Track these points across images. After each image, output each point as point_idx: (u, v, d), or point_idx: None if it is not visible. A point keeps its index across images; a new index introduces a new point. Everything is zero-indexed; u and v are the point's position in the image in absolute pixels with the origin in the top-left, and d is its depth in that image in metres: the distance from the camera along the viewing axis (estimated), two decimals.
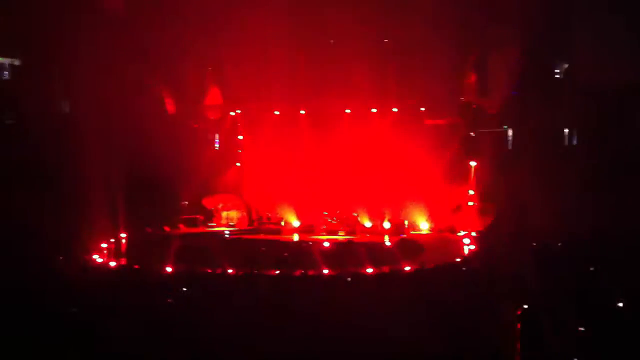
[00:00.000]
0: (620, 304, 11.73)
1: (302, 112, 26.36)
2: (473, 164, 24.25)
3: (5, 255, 16.28)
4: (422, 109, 25.02)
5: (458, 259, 19.13)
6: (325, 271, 17.05)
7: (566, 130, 24.24)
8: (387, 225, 24.01)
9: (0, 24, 23.88)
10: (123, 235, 21.52)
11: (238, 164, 27.67)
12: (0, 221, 19.06)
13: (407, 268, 17.29)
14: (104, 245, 20.22)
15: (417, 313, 11.85)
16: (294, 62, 24.60)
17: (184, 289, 14.73)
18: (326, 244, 21.13)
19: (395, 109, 25.48)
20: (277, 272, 17.08)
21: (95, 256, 19.38)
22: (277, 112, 26.68)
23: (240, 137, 27.60)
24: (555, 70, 24.65)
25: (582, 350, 9.96)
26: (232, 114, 27.42)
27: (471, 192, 24.09)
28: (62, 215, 20.08)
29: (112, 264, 18.79)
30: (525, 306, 10.93)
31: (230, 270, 17.01)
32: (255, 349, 10.39)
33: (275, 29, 23.75)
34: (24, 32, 23.40)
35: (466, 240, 21.27)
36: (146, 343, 10.44)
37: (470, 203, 23.87)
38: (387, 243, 21.58)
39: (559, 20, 23.13)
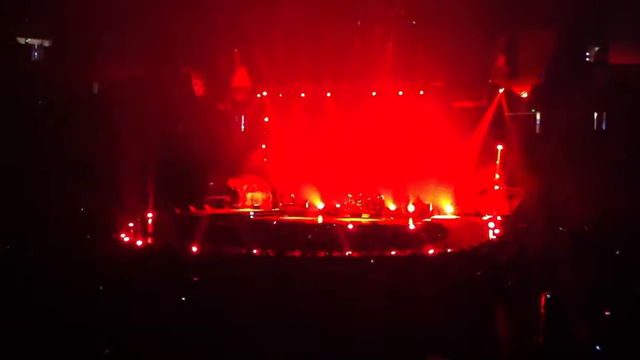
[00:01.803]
0: None
1: (328, 94, 26.32)
2: (500, 147, 24.02)
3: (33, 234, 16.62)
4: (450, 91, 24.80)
5: (483, 243, 19.04)
6: (349, 253, 17.09)
7: (595, 115, 23.82)
8: (411, 208, 23.94)
9: (31, 5, 24.14)
10: (150, 215, 21.81)
11: (264, 146, 27.82)
12: (28, 201, 19.39)
13: (431, 251, 17.27)
14: (132, 224, 20.50)
15: (440, 296, 11.84)
16: (321, 43, 24.48)
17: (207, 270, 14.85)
18: (350, 227, 21.15)
19: (422, 91, 25.32)
20: (301, 253, 17.17)
21: (123, 235, 19.68)
22: (303, 94, 26.72)
23: (266, 119, 27.71)
24: (586, 53, 24.18)
25: (607, 335, 9.85)
26: (259, 95, 27.50)
27: (497, 176, 23.88)
28: (91, 194, 20.37)
29: (139, 242, 19.04)
30: (551, 291, 10.85)
31: (254, 251, 17.17)
32: (276, 328, 10.46)
33: (301, 10, 23.68)
34: (55, 13, 23.61)
35: (492, 225, 21.13)
36: (170, 321, 10.59)
37: (497, 187, 23.67)
38: (412, 226, 21.54)
39: (590, 2, 22.64)
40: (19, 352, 9.08)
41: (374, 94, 25.82)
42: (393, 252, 17.07)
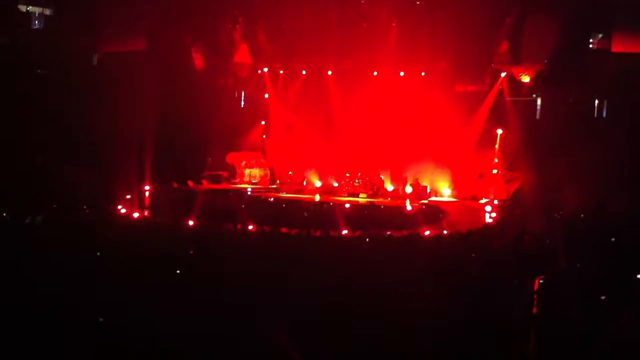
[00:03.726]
0: None
1: (329, 72, 26.19)
2: (499, 131, 23.99)
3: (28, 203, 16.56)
4: (452, 73, 24.66)
5: (479, 227, 19.06)
6: (345, 232, 17.11)
7: (597, 102, 23.77)
8: (409, 189, 23.94)
9: None
10: (147, 188, 21.79)
11: (263, 122, 27.76)
12: (27, 171, 19.34)
13: (427, 233, 17.28)
14: (128, 197, 20.49)
15: (434, 279, 11.85)
16: (324, 21, 24.32)
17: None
18: (347, 206, 21.16)
19: (423, 73, 25.19)
20: (297, 231, 17.18)
21: (119, 207, 19.66)
22: (304, 72, 26.60)
23: (266, 96, 27.61)
24: (589, 40, 24.05)
25: (601, 320, 9.86)
26: (260, 72, 27.38)
27: (496, 160, 23.86)
28: (87, 166, 20.30)
29: (135, 215, 19.03)
30: (546, 275, 10.86)
31: (250, 227, 17.18)
32: (272, 304, 10.46)
33: None
34: None
35: (488, 208, 21.15)
36: (164, 292, 10.58)
37: (495, 171, 23.67)
38: (408, 207, 21.56)
39: None
40: (13, 319, 9.07)
41: (375, 73, 25.67)
42: (389, 233, 17.08)
